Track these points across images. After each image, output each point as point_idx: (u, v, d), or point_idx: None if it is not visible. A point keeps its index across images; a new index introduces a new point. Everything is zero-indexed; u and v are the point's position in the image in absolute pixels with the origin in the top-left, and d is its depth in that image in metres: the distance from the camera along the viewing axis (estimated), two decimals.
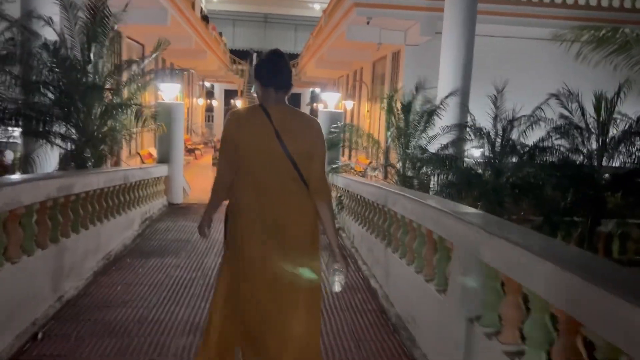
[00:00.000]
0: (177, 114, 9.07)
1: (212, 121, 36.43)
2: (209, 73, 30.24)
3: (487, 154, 8.10)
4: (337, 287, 2.90)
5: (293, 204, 2.75)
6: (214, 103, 36.68)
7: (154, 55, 8.61)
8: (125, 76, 8.33)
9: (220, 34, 30.17)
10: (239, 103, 32.01)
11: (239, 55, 35.54)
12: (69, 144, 7.58)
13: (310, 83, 33.93)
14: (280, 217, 2.72)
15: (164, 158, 9.00)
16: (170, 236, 7.11)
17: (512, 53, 12.88)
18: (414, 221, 4.11)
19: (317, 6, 32.49)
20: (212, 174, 5.23)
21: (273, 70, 2.74)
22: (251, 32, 38.90)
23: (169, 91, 9.00)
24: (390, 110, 8.51)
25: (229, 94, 37.67)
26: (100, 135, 7.72)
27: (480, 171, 8.11)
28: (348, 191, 7.35)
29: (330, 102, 9.58)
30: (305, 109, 38.43)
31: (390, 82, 15.37)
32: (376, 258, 5.41)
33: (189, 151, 25.32)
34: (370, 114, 17.54)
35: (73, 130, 7.55)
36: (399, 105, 8.72)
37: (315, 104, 31.77)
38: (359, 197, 6.53)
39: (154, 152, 18.00)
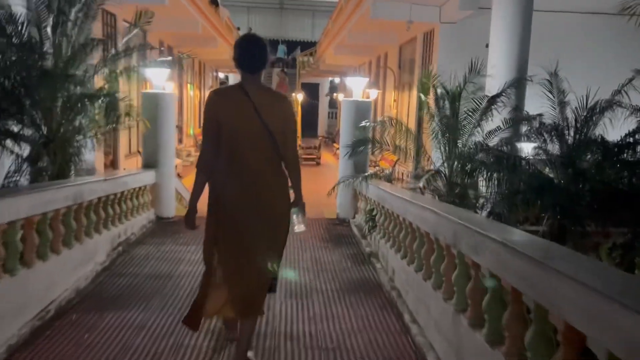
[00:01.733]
0: (166, 106, 7.28)
1: None
2: (221, 63, 28.47)
3: (555, 151, 6.26)
4: (297, 229, 3.25)
5: (270, 173, 3.10)
6: None
7: (134, 32, 6.81)
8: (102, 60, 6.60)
9: (238, 28, 28.42)
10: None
11: None
12: (24, 147, 5.93)
13: (328, 72, 31.97)
14: (259, 186, 3.06)
15: (151, 162, 7.21)
16: (147, 269, 5.34)
17: (565, 30, 10.87)
18: (533, 299, 2.26)
19: None
20: None
21: (246, 55, 3.06)
22: (267, 20, 37.09)
23: (156, 77, 7.23)
24: (425, 97, 6.63)
25: None
26: (67, 135, 6.02)
27: (548, 174, 6.26)
28: (384, 207, 5.52)
29: (355, 89, 7.70)
30: (324, 100, 36.59)
31: (421, 67, 13.43)
32: (435, 320, 3.58)
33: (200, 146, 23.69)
34: (398, 103, 15.63)
35: (32, 130, 5.90)
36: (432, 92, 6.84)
37: (335, 94, 29.82)
38: (402, 220, 4.70)
39: None
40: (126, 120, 6.08)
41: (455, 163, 6.37)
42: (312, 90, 32.93)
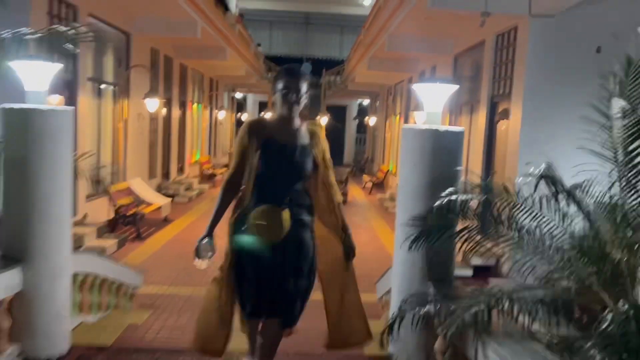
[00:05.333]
0: (52, 136, 3.65)
1: None
2: (237, 80, 25.18)
3: None
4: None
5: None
6: (244, 117, 31.62)
7: None
8: None
9: (259, 45, 25.11)
10: (268, 116, 26.78)
11: (278, 62, 29.84)
12: None
13: (357, 93, 28.43)
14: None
15: (14, 249, 3.59)
16: None
17: None
18: None
19: (367, 2, 27.07)
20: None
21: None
22: (291, 36, 33.99)
23: (31, 79, 3.63)
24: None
25: (265, 107, 32.35)
26: None
27: None
28: None
29: (431, 104, 3.93)
30: (351, 124, 32.99)
31: (491, 82, 9.70)
32: None
33: (209, 177, 20.18)
34: None
35: None
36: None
37: (367, 118, 26.16)
38: None
39: (138, 186, 12.66)
40: None
41: None
42: (338, 113, 29.34)
